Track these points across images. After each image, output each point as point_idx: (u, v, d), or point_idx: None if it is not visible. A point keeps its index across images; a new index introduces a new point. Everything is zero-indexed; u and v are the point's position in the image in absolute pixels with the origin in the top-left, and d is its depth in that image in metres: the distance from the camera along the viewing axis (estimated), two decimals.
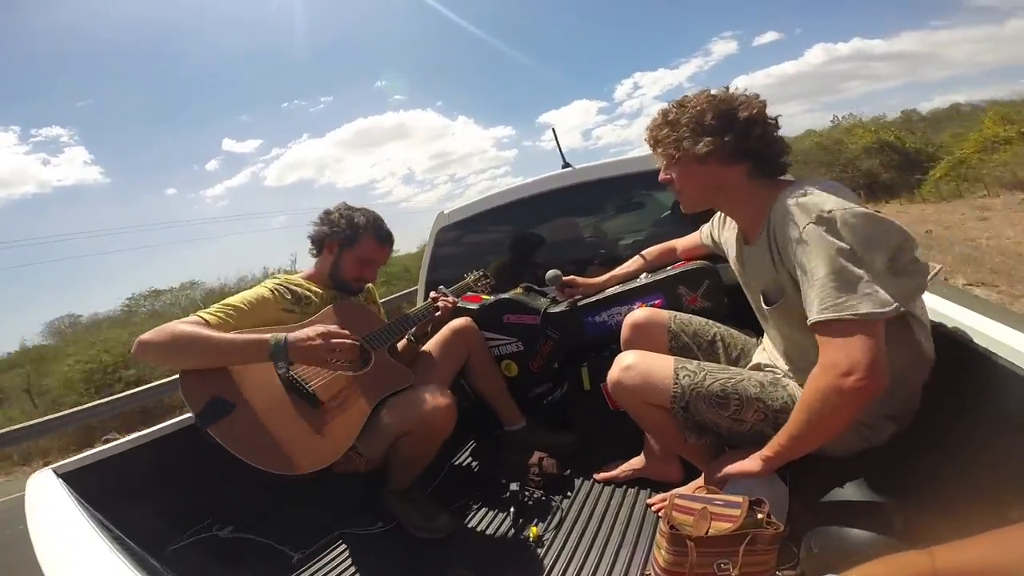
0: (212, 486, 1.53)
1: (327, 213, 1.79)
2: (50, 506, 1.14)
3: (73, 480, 1.29)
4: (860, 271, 0.98)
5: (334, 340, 1.46)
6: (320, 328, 1.48)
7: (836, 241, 1.00)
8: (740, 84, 1.30)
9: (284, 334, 1.45)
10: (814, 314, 1.02)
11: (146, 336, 1.39)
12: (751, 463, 1.19)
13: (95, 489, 1.28)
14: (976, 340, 1.08)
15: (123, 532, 1.12)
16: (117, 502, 1.27)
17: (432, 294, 1.97)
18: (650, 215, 2.62)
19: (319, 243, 1.79)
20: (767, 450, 1.16)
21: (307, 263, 1.88)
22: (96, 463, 1.43)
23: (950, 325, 1.17)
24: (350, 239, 1.75)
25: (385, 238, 1.80)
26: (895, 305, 0.97)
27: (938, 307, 1.22)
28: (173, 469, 1.53)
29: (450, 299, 1.96)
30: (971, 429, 1.07)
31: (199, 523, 1.57)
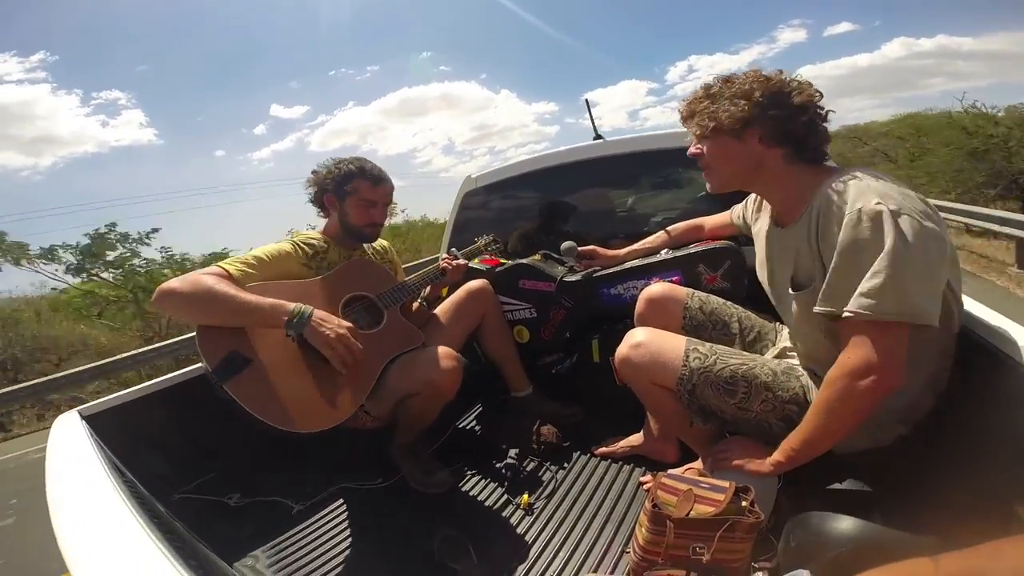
0: (222, 436, 1.57)
1: (315, 172, 1.75)
2: (69, 446, 1.17)
3: (95, 422, 1.32)
4: (906, 272, 0.91)
5: (349, 343, 1.44)
6: (346, 326, 1.46)
7: (888, 237, 0.92)
8: (806, 73, 1.20)
9: (310, 308, 1.43)
10: (849, 306, 0.96)
11: (170, 284, 1.38)
12: (761, 465, 1.15)
13: (115, 432, 1.31)
14: (994, 341, 1.01)
15: (135, 476, 1.14)
16: (133, 446, 1.30)
17: (443, 256, 1.96)
18: (685, 193, 2.52)
19: (319, 202, 1.77)
20: (778, 455, 1.12)
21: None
22: (118, 407, 1.46)
23: (970, 325, 1.09)
24: (345, 189, 1.71)
25: (377, 177, 1.74)
26: (930, 314, 0.92)
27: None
28: (187, 417, 1.57)
29: (460, 261, 1.94)
30: (980, 434, 1.01)
31: (207, 471, 1.62)
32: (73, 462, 1.09)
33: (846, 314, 0.96)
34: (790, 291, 1.18)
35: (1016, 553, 0.57)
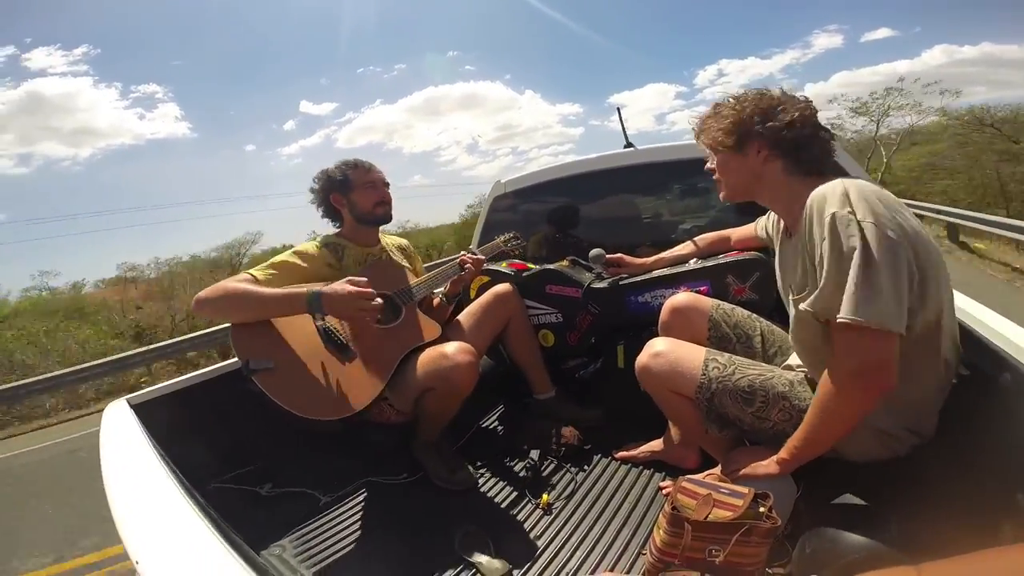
0: (257, 428, 1.64)
1: (313, 191, 1.89)
2: (119, 433, 1.27)
3: (142, 411, 1.41)
4: (888, 281, 0.93)
5: (359, 292, 1.54)
6: (348, 285, 1.56)
7: (868, 245, 0.95)
8: (841, 79, 1.28)
9: (319, 288, 1.55)
10: (839, 313, 0.97)
11: (202, 294, 1.53)
12: (769, 466, 1.17)
13: (158, 420, 1.39)
14: (1005, 347, 1.01)
15: (175, 463, 1.20)
16: (173, 434, 1.37)
17: (461, 254, 2.01)
18: (713, 202, 2.53)
19: (331, 208, 1.87)
20: (783, 452, 1.15)
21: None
22: (163, 396, 1.56)
23: (978, 330, 1.10)
24: (345, 182, 1.83)
25: (364, 163, 1.89)
26: (899, 321, 0.94)
27: (966, 308, 1.17)
28: (226, 408, 1.65)
29: (479, 257, 1.99)
30: (994, 443, 1.00)
31: (243, 462, 1.70)
32: (125, 448, 1.19)
33: (845, 319, 0.97)
34: (790, 297, 1.21)
35: (1001, 562, 0.58)
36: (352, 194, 1.83)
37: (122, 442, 1.21)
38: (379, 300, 1.59)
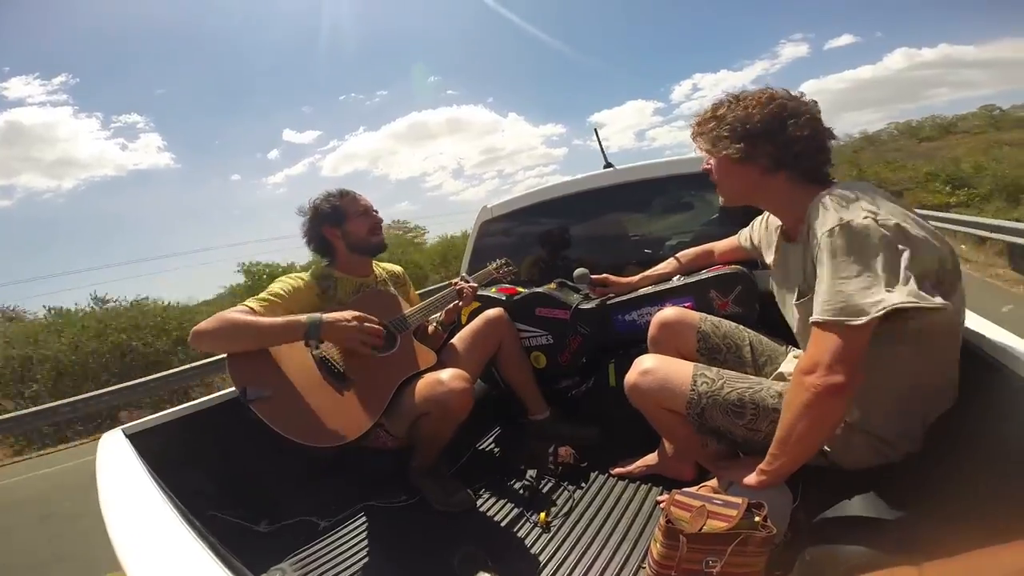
0: (253, 456, 1.63)
1: (304, 226, 1.88)
2: (115, 462, 1.28)
3: (137, 440, 1.41)
4: (856, 278, 0.96)
5: (365, 324, 1.59)
6: (354, 312, 1.61)
7: (844, 248, 0.98)
8: (810, 88, 1.27)
9: (319, 314, 1.57)
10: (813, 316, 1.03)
11: (200, 326, 1.54)
12: (752, 477, 1.18)
13: (154, 450, 1.39)
14: (1000, 357, 1.04)
15: (172, 491, 1.21)
16: (169, 463, 1.37)
17: (454, 281, 2.03)
18: (697, 217, 2.58)
19: (324, 242, 1.87)
20: (763, 463, 1.15)
21: None
22: (158, 426, 1.56)
23: (974, 340, 1.12)
24: (338, 214, 1.83)
25: (350, 191, 1.89)
26: (871, 315, 0.93)
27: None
28: (220, 437, 1.65)
29: (470, 284, 2.01)
30: (990, 449, 1.03)
31: (238, 491, 1.69)
32: (121, 476, 1.20)
33: (814, 319, 1.02)
34: (794, 302, 1.23)
35: (1000, 560, 0.61)
36: (347, 224, 1.83)
37: (119, 471, 1.23)
38: (381, 327, 1.61)
